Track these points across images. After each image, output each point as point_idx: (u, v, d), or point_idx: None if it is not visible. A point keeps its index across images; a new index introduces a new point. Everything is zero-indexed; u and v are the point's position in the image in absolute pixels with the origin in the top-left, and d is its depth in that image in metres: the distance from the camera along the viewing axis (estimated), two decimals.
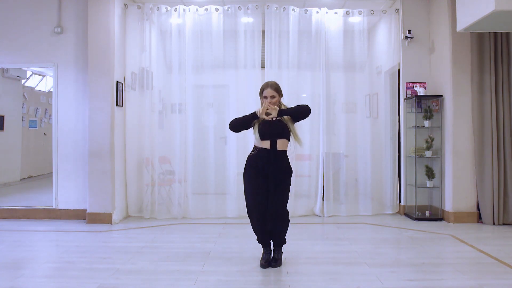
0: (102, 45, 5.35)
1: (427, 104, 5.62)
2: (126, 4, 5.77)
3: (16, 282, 3.28)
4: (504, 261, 3.75)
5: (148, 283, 3.26)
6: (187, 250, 4.17)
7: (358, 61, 5.99)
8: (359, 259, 3.83)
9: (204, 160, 5.91)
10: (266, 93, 3.60)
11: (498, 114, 5.19)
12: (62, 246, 4.37)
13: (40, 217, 5.57)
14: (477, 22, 4.26)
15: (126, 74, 5.76)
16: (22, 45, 5.61)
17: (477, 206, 5.28)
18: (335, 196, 5.90)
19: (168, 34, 5.97)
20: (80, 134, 5.54)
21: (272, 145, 3.53)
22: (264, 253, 3.64)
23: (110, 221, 5.29)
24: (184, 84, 5.88)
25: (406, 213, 5.76)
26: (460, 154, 5.28)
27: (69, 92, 5.58)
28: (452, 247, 4.30)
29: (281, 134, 3.54)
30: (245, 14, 5.79)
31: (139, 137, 5.90)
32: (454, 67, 5.27)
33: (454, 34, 5.19)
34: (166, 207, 5.94)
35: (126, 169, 5.77)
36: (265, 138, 3.53)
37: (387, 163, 6.07)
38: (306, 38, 5.93)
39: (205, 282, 3.27)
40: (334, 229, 5.10)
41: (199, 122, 6.22)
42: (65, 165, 5.56)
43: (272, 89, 3.60)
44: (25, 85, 9.38)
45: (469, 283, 3.25)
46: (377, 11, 5.92)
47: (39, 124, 10.10)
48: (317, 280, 3.30)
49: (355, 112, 6.10)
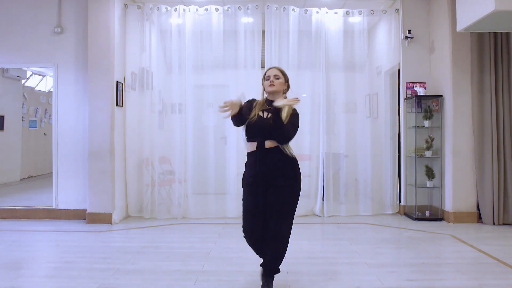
0: (102, 45, 5.35)
1: (427, 104, 5.62)
2: (126, 4, 5.77)
3: (16, 282, 3.28)
4: (504, 261, 3.75)
5: (148, 283, 3.26)
6: (187, 250, 4.17)
7: (358, 61, 6.00)
8: (359, 259, 3.83)
9: (204, 160, 5.91)
10: (270, 72, 3.03)
11: (498, 114, 5.19)
12: (62, 246, 4.37)
13: (40, 217, 5.57)
14: (477, 22, 4.26)
15: (126, 74, 5.76)
16: (22, 45, 5.61)
17: (477, 206, 5.28)
18: (335, 196, 5.90)
19: (168, 34, 5.97)
20: (80, 134, 5.54)
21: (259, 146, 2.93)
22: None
23: (110, 221, 5.29)
24: (184, 84, 5.88)
25: (406, 213, 5.76)
26: (460, 154, 5.28)
27: (69, 92, 5.58)
28: (452, 247, 4.30)
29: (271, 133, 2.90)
30: (245, 14, 5.79)
31: (139, 137, 5.90)
32: (454, 67, 5.27)
33: (454, 34, 5.19)
34: (166, 207, 5.94)
35: (126, 169, 5.77)
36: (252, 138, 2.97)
37: (387, 163, 6.07)
38: (306, 38, 5.93)
39: (205, 282, 3.27)
40: (334, 229, 5.10)
41: (199, 122, 6.22)
42: (65, 165, 5.56)
43: (277, 69, 3.05)
44: (25, 85, 9.38)
45: (469, 283, 3.25)
46: (377, 11, 5.92)
47: (39, 124, 10.10)
48: (317, 280, 3.30)
49: (355, 112, 6.10)
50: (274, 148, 2.92)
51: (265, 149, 2.92)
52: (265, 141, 2.92)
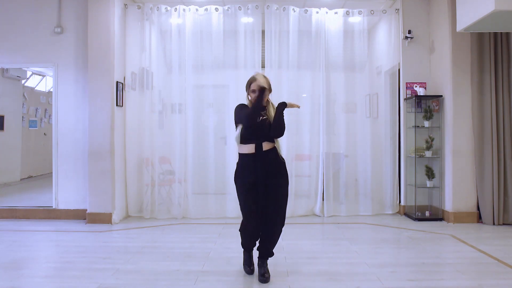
0: (102, 45, 5.35)
1: (427, 104, 5.62)
2: (126, 4, 5.77)
3: (16, 282, 3.28)
4: (504, 261, 3.75)
5: (148, 283, 3.26)
6: (187, 250, 4.17)
7: (358, 61, 5.99)
8: (359, 259, 3.83)
9: (204, 160, 5.91)
10: (254, 86, 3.22)
11: (498, 114, 5.19)
12: (62, 246, 4.37)
13: (40, 217, 5.57)
14: (477, 22, 4.26)
15: (126, 74, 5.76)
16: (22, 45, 5.61)
17: (477, 206, 5.28)
18: (335, 196, 5.90)
19: (168, 34, 5.97)
20: (80, 134, 5.54)
21: (257, 148, 3.22)
22: (248, 258, 3.47)
23: (110, 221, 5.29)
24: (184, 84, 5.88)
25: (406, 213, 5.76)
26: (460, 154, 5.28)
27: (69, 92, 5.58)
28: (452, 247, 4.30)
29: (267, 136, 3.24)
30: (245, 14, 5.79)
31: (139, 137, 5.90)
32: (454, 67, 5.27)
33: (454, 34, 5.19)
34: (166, 207, 5.94)
35: (126, 169, 5.77)
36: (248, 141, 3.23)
37: (387, 163, 6.07)
38: (306, 38, 5.93)
39: (205, 282, 3.27)
40: (334, 229, 5.10)
41: (199, 122, 6.22)
42: (65, 165, 5.56)
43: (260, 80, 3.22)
44: (25, 85, 9.38)
45: (469, 283, 3.25)
46: (377, 11, 5.92)
47: (39, 124, 10.10)
48: (317, 280, 3.30)
49: (355, 112, 6.10)
50: (270, 150, 3.27)
51: (264, 151, 3.24)
52: (262, 143, 3.24)
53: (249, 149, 3.25)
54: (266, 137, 3.24)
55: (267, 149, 3.24)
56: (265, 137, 3.24)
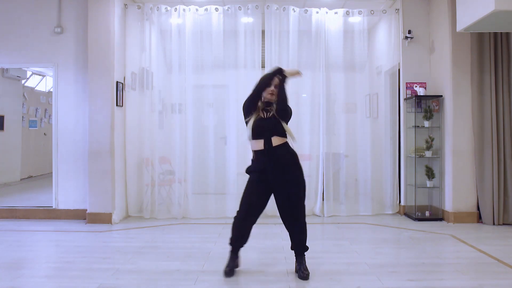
0: (102, 45, 5.35)
1: (427, 104, 5.62)
2: (126, 4, 5.77)
3: (16, 282, 3.28)
4: (504, 261, 3.75)
5: (148, 283, 3.26)
6: (187, 250, 4.17)
7: (358, 61, 5.99)
8: (359, 259, 3.83)
9: (204, 160, 5.91)
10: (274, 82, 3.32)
11: (498, 114, 5.19)
12: (62, 246, 4.37)
13: (40, 217, 5.57)
14: (477, 22, 4.26)
15: (126, 74, 5.76)
16: (22, 45, 5.61)
17: (477, 206, 5.28)
18: (335, 196, 5.90)
19: (168, 34, 5.97)
20: (80, 134, 5.54)
21: (266, 143, 3.25)
22: (231, 260, 3.43)
23: (110, 221, 5.29)
24: (184, 84, 5.88)
25: (406, 213, 5.76)
26: (460, 154, 5.28)
27: (69, 92, 5.58)
28: (452, 247, 4.30)
29: (275, 131, 3.27)
30: (245, 14, 5.79)
31: (139, 137, 5.90)
32: (454, 67, 5.27)
33: (454, 34, 5.19)
34: (166, 207, 5.94)
35: (126, 169, 5.77)
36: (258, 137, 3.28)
37: (387, 163, 6.07)
38: (306, 38, 5.93)
39: (205, 282, 3.27)
40: (334, 229, 5.10)
41: (199, 122, 6.22)
42: (65, 165, 5.56)
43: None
44: (25, 85, 9.38)
45: (469, 283, 3.25)
46: (377, 11, 5.92)
47: (39, 124, 10.10)
48: (317, 280, 3.30)
49: (355, 112, 6.10)
50: (280, 145, 3.27)
51: (273, 147, 3.25)
52: (271, 138, 3.24)
53: (259, 145, 3.28)
54: (275, 132, 3.26)
55: (276, 144, 3.26)
56: (274, 132, 3.26)
